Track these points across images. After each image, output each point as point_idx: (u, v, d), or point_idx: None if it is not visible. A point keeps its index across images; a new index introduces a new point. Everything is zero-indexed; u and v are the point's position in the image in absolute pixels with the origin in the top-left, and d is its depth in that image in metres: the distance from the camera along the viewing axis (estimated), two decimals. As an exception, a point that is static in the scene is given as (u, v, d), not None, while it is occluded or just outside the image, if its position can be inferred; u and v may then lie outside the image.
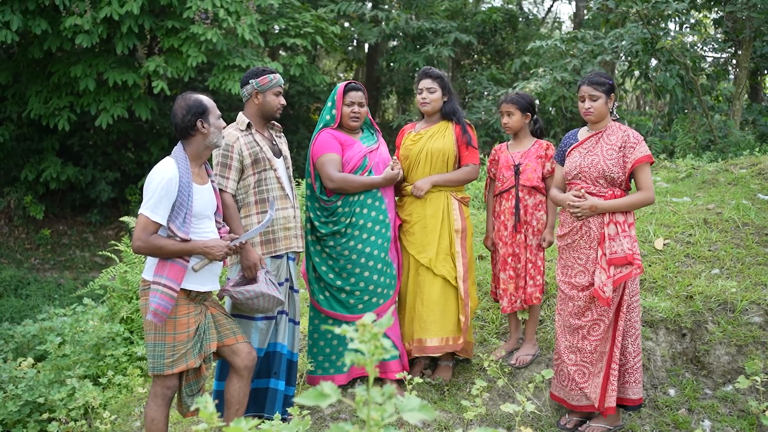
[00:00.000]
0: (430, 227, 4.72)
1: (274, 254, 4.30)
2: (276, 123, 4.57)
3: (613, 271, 4.07)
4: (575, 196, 4.22)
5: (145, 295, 3.72)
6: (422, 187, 4.67)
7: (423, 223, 4.74)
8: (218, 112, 3.88)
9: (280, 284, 4.33)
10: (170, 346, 3.68)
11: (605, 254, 4.10)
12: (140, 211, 3.62)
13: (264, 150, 4.29)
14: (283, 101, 4.45)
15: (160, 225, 3.61)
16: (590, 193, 4.20)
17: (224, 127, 3.93)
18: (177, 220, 3.63)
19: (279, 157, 4.41)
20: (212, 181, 3.93)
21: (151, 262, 3.72)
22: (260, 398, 4.44)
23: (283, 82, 4.45)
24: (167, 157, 3.76)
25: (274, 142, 4.46)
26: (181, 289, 3.68)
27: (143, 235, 3.58)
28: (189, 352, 3.72)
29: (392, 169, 4.56)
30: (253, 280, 4.11)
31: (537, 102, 13.55)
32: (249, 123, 4.32)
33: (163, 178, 3.60)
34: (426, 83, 4.82)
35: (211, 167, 4.05)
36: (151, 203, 3.58)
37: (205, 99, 3.82)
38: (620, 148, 4.14)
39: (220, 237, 3.89)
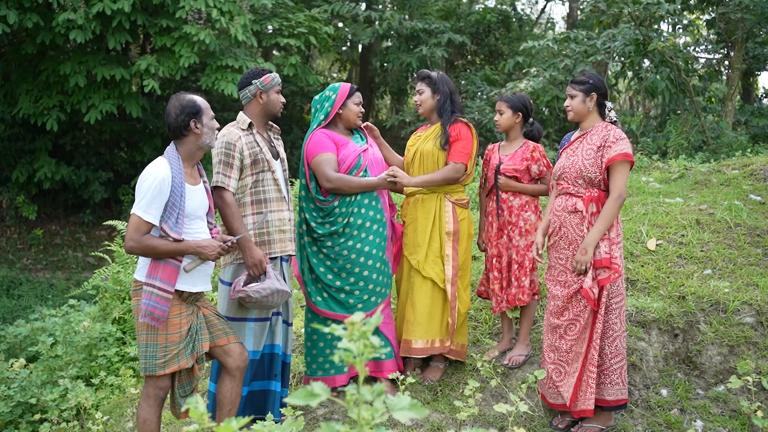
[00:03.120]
0: (421, 229, 4.71)
1: (269, 256, 4.28)
2: (274, 125, 4.56)
3: (594, 273, 4.08)
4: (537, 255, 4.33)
5: (137, 296, 3.71)
6: (402, 177, 4.59)
7: (415, 224, 4.74)
8: (212, 113, 3.86)
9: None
10: (162, 346, 3.67)
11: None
12: (132, 211, 3.60)
13: (263, 151, 4.27)
14: (283, 99, 4.45)
15: (153, 225, 3.60)
16: (569, 194, 4.23)
17: (218, 128, 3.92)
18: (169, 221, 3.61)
19: (276, 159, 4.39)
20: (204, 182, 3.92)
21: (143, 262, 3.71)
22: (259, 401, 4.42)
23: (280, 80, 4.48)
24: (159, 157, 3.74)
25: (273, 144, 4.45)
26: (175, 289, 3.68)
27: (136, 235, 3.56)
28: (181, 353, 3.71)
29: (387, 177, 4.54)
30: (255, 278, 4.11)
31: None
32: (250, 123, 4.29)
33: (156, 178, 3.59)
34: (416, 86, 4.85)
35: (204, 168, 4.03)
36: (144, 203, 3.57)
37: (199, 99, 3.80)
38: (599, 147, 4.14)
39: (212, 237, 3.88)
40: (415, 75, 4.98)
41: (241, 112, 4.37)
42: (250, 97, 4.34)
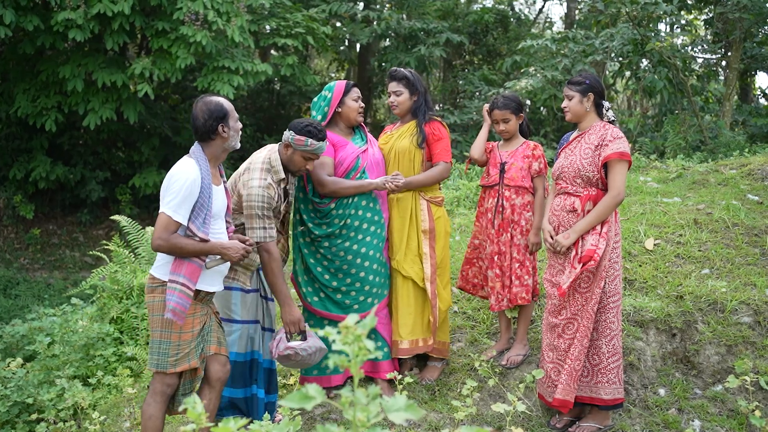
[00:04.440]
0: (397, 228, 4.71)
1: (251, 268, 4.28)
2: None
3: (580, 267, 4.10)
4: (549, 238, 4.30)
5: (155, 293, 3.72)
6: (401, 179, 4.55)
7: (390, 224, 4.73)
8: (236, 115, 3.89)
9: (249, 292, 4.31)
10: (175, 344, 3.70)
11: (578, 253, 4.13)
12: (162, 209, 3.63)
13: (281, 203, 4.27)
14: (310, 167, 4.27)
15: (181, 224, 3.62)
16: (567, 193, 4.25)
17: (241, 128, 3.92)
18: (197, 221, 3.65)
19: (285, 200, 4.37)
20: (224, 182, 3.95)
21: (164, 260, 3.72)
22: (243, 406, 4.39)
23: (322, 150, 4.23)
24: (187, 158, 3.77)
25: (288, 188, 4.38)
26: None
27: (165, 234, 3.59)
28: (192, 353, 3.74)
29: (386, 183, 4.49)
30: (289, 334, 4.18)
31: (528, 102, 13.59)
32: (283, 177, 4.21)
33: (187, 178, 3.62)
34: (392, 86, 4.77)
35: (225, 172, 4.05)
36: (174, 203, 3.60)
37: (225, 102, 3.82)
38: (596, 146, 4.15)
39: (229, 237, 3.91)
40: (388, 73, 4.89)
41: (277, 154, 4.23)
42: (283, 141, 4.23)
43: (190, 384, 3.88)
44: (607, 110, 4.33)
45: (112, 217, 8.24)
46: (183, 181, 3.61)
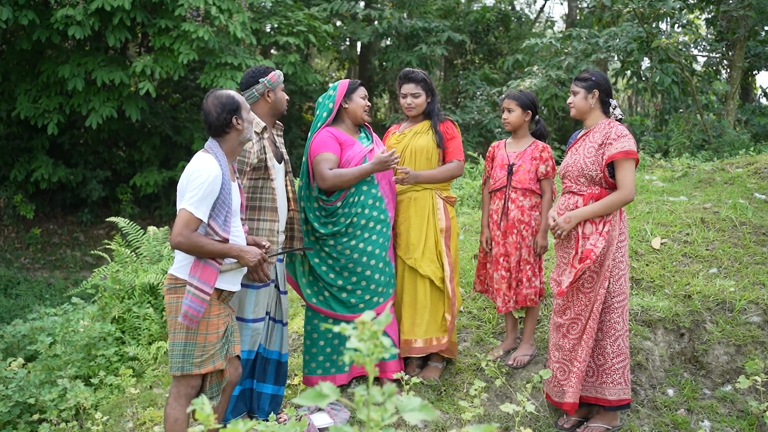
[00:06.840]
0: (415, 227, 4.68)
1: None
2: (278, 122, 4.46)
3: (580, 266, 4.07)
4: (552, 222, 4.27)
5: (175, 293, 3.64)
6: (410, 173, 4.55)
7: (408, 223, 4.70)
8: (248, 106, 3.81)
9: (260, 287, 4.21)
10: (201, 346, 3.63)
11: (578, 253, 4.10)
12: (183, 206, 3.53)
13: (269, 157, 4.16)
14: (287, 96, 4.34)
15: (201, 222, 3.54)
16: (572, 192, 4.22)
17: (254, 120, 3.86)
18: (218, 219, 3.57)
19: (281, 162, 4.29)
20: (238, 178, 3.88)
21: (185, 260, 3.64)
22: (249, 399, 4.37)
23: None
24: (205, 153, 3.66)
25: (278, 144, 4.34)
26: (215, 288, 3.64)
27: (186, 232, 3.49)
28: (217, 354, 3.68)
29: (389, 161, 4.42)
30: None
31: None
32: (265, 127, 4.18)
33: (210, 175, 3.53)
34: (410, 88, 4.73)
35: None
36: (196, 199, 3.50)
37: (236, 94, 3.75)
38: (600, 145, 4.11)
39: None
40: (403, 75, 4.84)
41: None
42: (258, 96, 4.20)
43: (217, 386, 3.81)
44: (614, 109, 4.28)
45: (109, 219, 8.18)
46: (205, 178, 3.52)
